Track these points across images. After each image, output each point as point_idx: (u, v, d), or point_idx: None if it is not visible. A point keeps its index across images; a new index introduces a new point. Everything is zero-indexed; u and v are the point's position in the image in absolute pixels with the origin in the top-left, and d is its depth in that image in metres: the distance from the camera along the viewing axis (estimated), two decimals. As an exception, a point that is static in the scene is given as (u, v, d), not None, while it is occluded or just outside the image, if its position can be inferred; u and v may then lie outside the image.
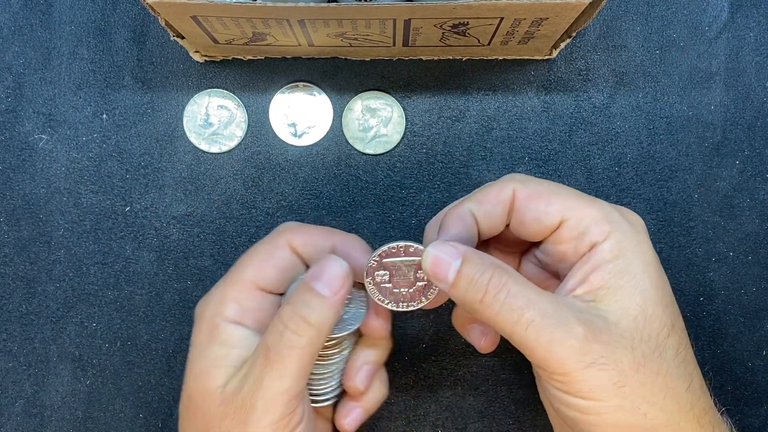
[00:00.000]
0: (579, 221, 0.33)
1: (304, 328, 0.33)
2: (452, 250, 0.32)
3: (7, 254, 0.45)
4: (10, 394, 0.45)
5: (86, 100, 0.45)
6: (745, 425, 0.44)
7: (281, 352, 0.32)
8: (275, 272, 0.36)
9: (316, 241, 0.37)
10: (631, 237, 0.32)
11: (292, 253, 0.36)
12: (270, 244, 0.37)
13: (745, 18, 0.45)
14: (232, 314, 0.35)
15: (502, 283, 0.31)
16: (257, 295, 0.35)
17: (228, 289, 0.35)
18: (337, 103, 0.45)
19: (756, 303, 0.45)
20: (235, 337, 0.34)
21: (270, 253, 0.36)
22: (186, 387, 0.35)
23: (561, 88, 0.45)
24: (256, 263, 0.36)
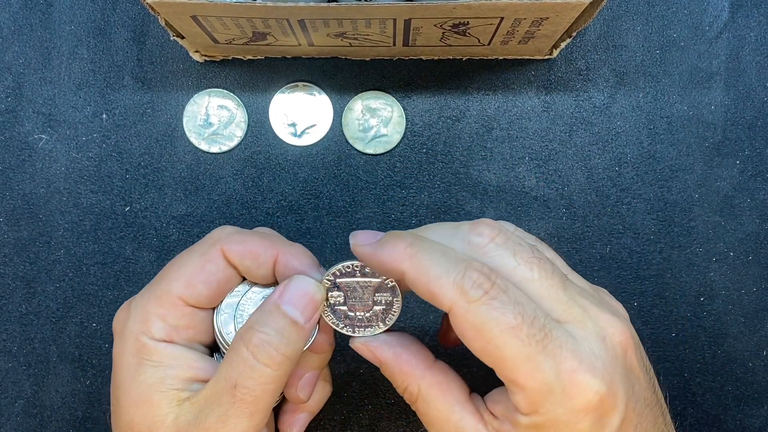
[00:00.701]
0: (510, 383, 0.29)
1: (279, 361, 0.30)
2: (370, 355, 0.33)
3: (7, 254, 0.45)
4: (10, 394, 0.45)
5: (86, 100, 0.45)
6: (746, 425, 0.44)
7: (254, 390, 0.30)
8: (206, 288, 0.33)
9: (256, 253, 0.33)
10: (557, 426, 0.28)
11: (226, 265, 0.33)
12: (201, 255, 0.33)
13: (745, 18, 0.45)
14: (158, 333, 0.32)
15: (411, 401, 0.32)
16: (185, 312, 0.32)
17: (151, 306, 0.32)
18: (337, 103, 0.45)
19: (756, 303, 0.45)
20: (166, 356, 0.32)
21: (201, 267, 0.33)
22: (122, 416, 0.31)
23: (561, 87, 0.45)
24: (185, 277, 0.32)
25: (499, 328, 0.28)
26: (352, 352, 0.45)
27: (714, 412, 0.44)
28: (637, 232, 0.45)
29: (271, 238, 0.34)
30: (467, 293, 0.28)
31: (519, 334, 0.28)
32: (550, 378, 0.28)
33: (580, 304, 0.30)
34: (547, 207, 0.45)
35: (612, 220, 0.45)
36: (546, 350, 0.28)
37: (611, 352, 0.29)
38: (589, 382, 0.28)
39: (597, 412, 0.28)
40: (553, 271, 0.30)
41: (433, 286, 0.29)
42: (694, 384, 0.45)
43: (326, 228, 0.45)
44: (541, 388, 0.28)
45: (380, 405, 0.44)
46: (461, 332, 0.29)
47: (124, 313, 0.33)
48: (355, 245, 0.32)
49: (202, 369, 0.32)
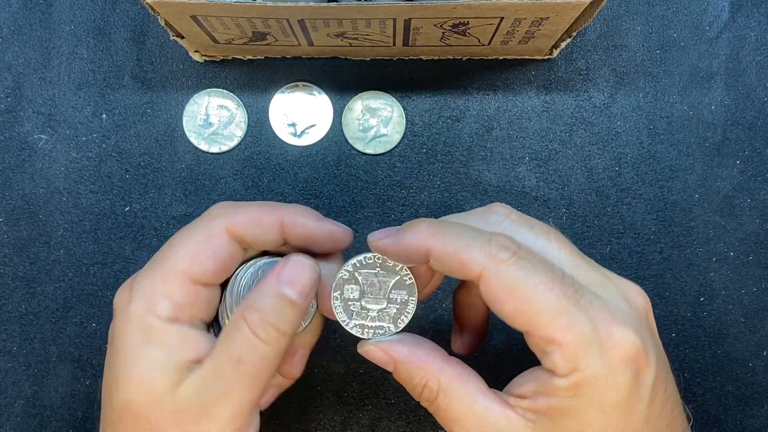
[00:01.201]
0: (545, 343, 0.28)
1: (276, 338, 0.31)
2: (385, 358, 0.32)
3: (7, 254, 0.45)
4: (10, 394, 0.45)
5: (86, 100, 0.45)
6: (746, 425, 0.44)
7: (255, 364, 0.30)
8: (212, 264, 0.32)
9: (260, 219, 0.33)
10: (597, 381, 0.28)
11: (230, 239, 0.33)
12: (204, 231, 0.33)
13: (745, 18, 0.45)
14: (165, 312, 0.32)
15: (430, 400, 0.31)
16: (191, 290, 0.32)
17: (157, 284, 0.32)
18: (337, 103, 0.45)
19: (757, 303, 0.45)
20: (173, 336, 0.31)
21: (205, 243, 0.32)
22: (118, 395, 0.31)
23: (561, 87, 0.45)
24: (190, 254, 0.32)
25: (532, 284, 0.28)
26: (352, 351, 0.44)
27: (714, 412, 0.44)
28: (637, 232, 0.45)
29: (272, 203, 0.34)
30: (496, 256, 0.29)
31: (552, 289, 0.28)
32: (587, 330, 0.28)
33: (600, 271, 0.31)
34: (547, 207, 0.45)
35: (612, 220, 0.45)
36: (579, 305, 0.28)
37: (635, 311, 0.30)
38: (624, 333, 0.28)
39: (634, 365, 0.28)
40: (570, 243, 0.31)
41: (462, 254, 0.29)
42: (695, 384, 0.44)
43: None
44: (579, 340, 0.28)
45: (380, 405, 0.44)
46: (492, 296, 0.29)
47: (126, 292, 0.32)
48: (375, 240, 0.32)
49: (204, 348, 0.32)
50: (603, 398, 0.28)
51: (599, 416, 0.28)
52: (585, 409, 0.28)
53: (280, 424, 0.44)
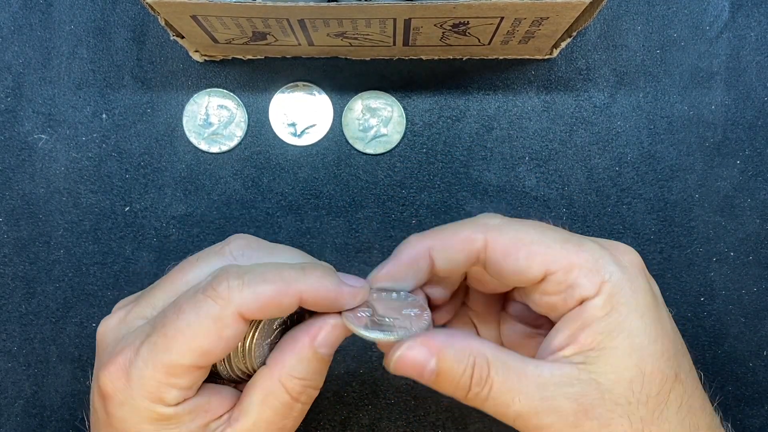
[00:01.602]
0: (566, 273, 0.30)
1: (314, 396, 0.32)
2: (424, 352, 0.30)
3: (7, 254, 0.45)
4: (10, 394, 0.45)
5: (86, 99, 0.45)
6: (746, 425, 0.44)
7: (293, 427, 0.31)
8: (222, 352, 0.30)
9: (279, 301, 0.30)
10: (625, 287, 0.29)
11: (244, 325, 0.30)
12: (216, 321, 0.29)
13: (746, 17, 0.45)
14: (174, 399, 0.30)
15: (483, 379, 0.29)
16: (196, 374, 0.30)
17: (160, 376, 0.29)
18: (337, 102, 0.45)
19: (757, 303, 0.44)
20: (185, 415, 0.30)
21: (217, 335, 0.29)
22: None
23: (561, 87, 0.45)
24: (200, 349, 0.29)
25: (533, 231, 0.31)
26: (353, 352, 0.45)
27: (714, 412, 0.44)
28: (637, 232, 0.45)
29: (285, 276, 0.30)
30: (490, 223, 0.31)
31: (550, 229, 0.31)
32: (596, 248, 0.30)
33: (590, 239, 0.32)
34: (547, 207, 0.45)
35: (612, 220, 0.45)
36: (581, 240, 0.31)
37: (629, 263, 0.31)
38: (626, 246, 0.31)
39: (644, 273, 0.31)
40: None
41: (461, 234, 0.31)
42: (695, 384, 0.44)
43: (326, 228, 0.45)
44: (594, 255, 0.30)
45: (380, 405, 0.44)
46: (502, 254, 0.31)
47: (121, 381, 0.30)
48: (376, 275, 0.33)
49: (217, 406, 0.31)
50: (636, 302, 0.29)
51: (640, 322, 0.29)
52: (626, 319, 0.29)
53: (280, 424, 0.44)
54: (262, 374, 0.31)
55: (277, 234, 0.45)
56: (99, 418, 0.31)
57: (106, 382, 0.30)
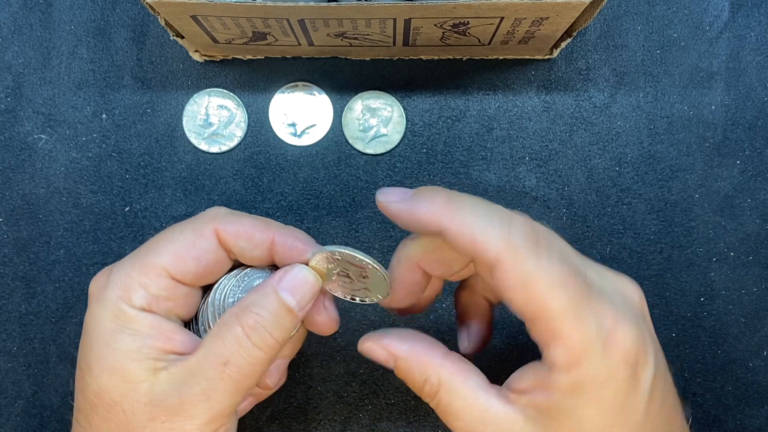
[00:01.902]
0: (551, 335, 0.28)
1: (270, 345, 0.31)
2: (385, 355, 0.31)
3: (7, 254, 0.45)
4: (10, 394, 0.45)
5: (86, 99, 0.45)
6: (746, 425, 0.44)
7: (243, 369, 0.30)
8: (195, 265, 0.32)
9: (251, 234, 0.33)
10: (596, 380, 0.28)
11: (218, 245, 0.32)
12: (194, 231, 0.32)
13: (746, 18, 0.45)
14: (139, 301, 0.31)
15: (432, 394, 0.31)
16: (168, 284, 0.32)
17: (134, 273, 0.31)
18: (337, 102, 0.45)
19: (757, 303, 0.44)
20: (146, 325, 0.31)
21: (192, 242, 0.32)
22: (91, 382, 0.31)
23: (561, 87, 0.45)
24: (174, 251, 0.32)
25: (549, 279, 0.27)
26: (353, 352, 0.45)
27: (714, 412, 0.44)
28: (637, 232, 0.45)
29: (266, 220, 0.33)
30: (515, 243, 0.27)
31: (566, 288, 0.27)
32: (594, 329, 0.27)
33: (595, 269, 0.30)
34: (547, 207, 0.45)
35: (612, 220, 0.45)
36: (590, 304, 0.28)
37: (631, 306, 0.30)
38: (626, 333, 0.28)
39: (634, 363, 0.28)
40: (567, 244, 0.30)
41: (479, 239, 0.28)
42: (695, 384, 0.44)
43: (326, 228, 0.45)
44: (585, 339, 0.27)
45: (380, 405, 0.44)
46: (504, 284, 0.28)
47: (103, 278, 0.32)
48: (386, 202, 0.31)
49: (179, 341, 0.32)
50: (602, 397, 0.28)
51: (597, 414, 0.28)
52: (584, 407, 0.28)
53: (280, 424, 0.44)
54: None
55: (277, 234, 0.45)
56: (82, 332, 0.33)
57: (93, 282, 0.33)
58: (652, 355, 0.29)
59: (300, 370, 0.44)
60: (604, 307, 0.28)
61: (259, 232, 0.33)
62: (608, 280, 0.30)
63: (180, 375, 0.30)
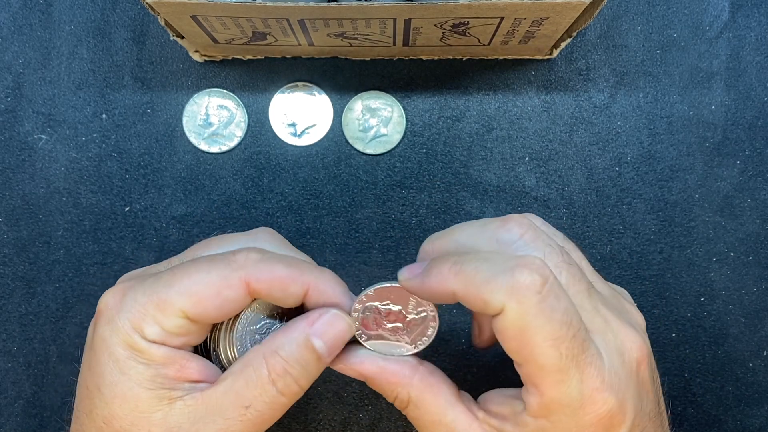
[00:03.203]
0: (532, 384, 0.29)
1: (295, 392, 0.30)
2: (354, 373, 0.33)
3: (7, 254, 0.45)
4: (10, 394, 0.45)
5: (86, 99, 0.45)
6: (746, 425, 0.44)
7: (264, 414, 0.30)
8: (215, 312, 0.31)
9: (286, 285, 0.31)
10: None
11: (245, 295, 0.31)
12: (222, 279, 0.30)
13: (745, 18, 0.45)
14: (152, 336, 0.30)
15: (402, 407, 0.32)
16: (184, 323, 0.30)
17: (150, 308, 0.30)
18: (337, 103, 0.45)
19: (757, 303, 0.44)
20: (158, 356, 0.30)
21: (217, 291, 0.30)
22: (101, 408, 0.30)
23: (561, 87, 0.45)
24: (196, 295, 0.30)
25: (543, 337, 0.28)
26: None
27: (714, 413, 0.44)
28: (637, 232, 0.45)
29: (300, 266, 0.31)
30: (519, 293, 0.28)
31: (560, 347, 0.28)
32: (573, 393, 0.28)
33: (602, 315, 0.30)
34: (547, 207, 0.45)
35: (612, 220, 0.45)
36: (579, 366, 0.28)
37: (627, 368, 0.29)
38: (606, 399, 0.28)
39: (604, 427, 0.29)
40: (581, 278, 0.30)
41: (484, 293, 0.28)
42: (695, 384, 0.44)
43: (326, 228, 0.45)
44: (561, 399, 0.28)
45: (380, 405, 0.44)
46: (502, 332, 0.28)
47: (115, 299, 0.31)
48: (403, 280, 0.31)
49: (194, 369, 0.31)
50: None
51: None
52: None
53: (280, 424, 0.44)
54: (251, 349, 0.31)
55: (277, 234, 0.45)
56: (86, 346, 0.32)
57: (104, 300, 0.31)
58: (630, 417, 0.29)
59: (300, 370, 0.44)
60: (591, 373, 0.28)
61: (294, 283, 0.31)
62: (610, 333, 0.30)
63: (197, 409, 0.30)
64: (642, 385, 0.30)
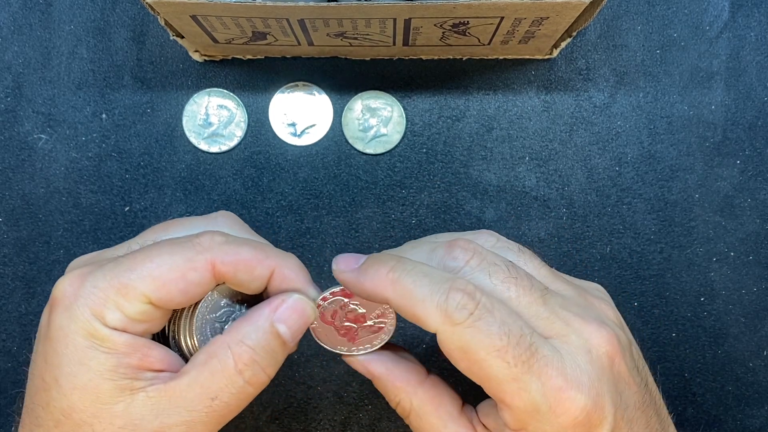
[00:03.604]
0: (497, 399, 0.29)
1: (262, 381, 0.30)
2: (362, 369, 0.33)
3: (7, 254, 0.45)
4: (10, 394, 0.45)
5: (86, 99, 0.45)
6: (746, 425, 0.44)
7: (230, 404, 0.29)
8: (180, 296, 0.30)
9: (251, 266, 0.30)
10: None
11: (211, 278, 0.30)
12: (186, 260, 0.29)
13: (745, 17, 0.45)
14: (114, 322, 0.29)
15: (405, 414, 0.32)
16: (147, 309, 0.29)
17: (110, 293, 0.29)
18: (337, 102, 0.45)
19: (757, 303, 0.44)
20: (120, 344, 0.29)
21: (182, 274, 0.29)
22: (59, 400, 0.29)
23: (561, 87, 0.45)
24: (160, 278, 0.29)
25: (485, 351, 0.28)
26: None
27: (714, 412, 0.44)
28: (637, 232, 0.45)
29: (265, 249, 0.31)
30: (452, 316, 0.28)
31: (505, 356, 0.28)
32: (537, 397, 0.28)
33: (561, 318, 0.30)
34: (547, 207, 0.45)
35: (612, 220, 0.45)
36: (532, 370, 0.28)
37: (597, 363, 0.29)
38: (575, 398, 0.28)
39: (584, 427, 0.28)
40: (531, 287, 0.30)
41: (418, 311, 0.28)
42: (695, 384, 0.44)
43: (326, 228, 0.45)
44: (527, 407, 0.28)
45: (380, 405, 0.44)
46: (448, 353, 0.29)
47: (72, 287, 0.29)
48: (337, 271, 0.31)
49: (156, 358, 0.30)
50: None
51: None
52: None
53: (280, 424, 0.44)
54: (214, 339, 0.31)
55: (277, 234, 0.45)
56: (39, 336, 0.31)
57: (60, 287, 0.30)
58: (610, 413, 0.29)
59: (300, 370, 0.44)
60: (550, 374, 0.28)
61: (259, 265, 0.31)
62: (571, 333, 0.30)
63: (160, 400, 0.29)
64: (619, 378, 0.30)
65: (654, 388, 0.32)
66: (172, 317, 0.33)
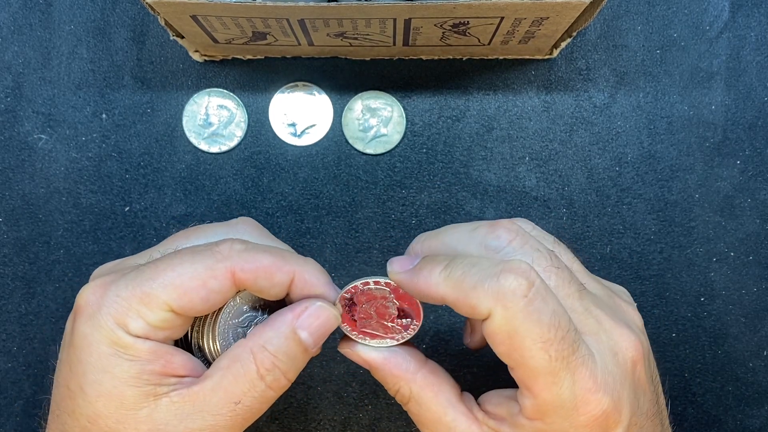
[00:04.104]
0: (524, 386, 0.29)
1: (283, 386, 0.30)
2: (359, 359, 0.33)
3: (7, 254, 0.45)
4: (10, 394, 0.45)
5: (86, 99, 0.45)
6: (746, 425, 0.44)
7: (253, 408, 0.30)
8: (201, 304, 0.30)
9: (271, 273, 0.31)
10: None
11: (231, 286, 0.30)
12: (206, 269, 0.30)
13: (746, 17, 0.45)
14: (137, 330, 0.29)
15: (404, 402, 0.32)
16: (169, 317, 0.30)
17: (133, 302, 0.29)
18: (337, 102, 0.45)
19: (757, 303, 0.44)
20: (143, 351, 0.30)
21: (203, 282, 0.30)
22: (84, 407, 0.30)
23: (561, 87, 0.45)
24: (181, 287, 0.29)
25: (531, 340, 0.28)
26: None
27: (714, 413, 0.44)
28: (637, 232, 0.45)
29: (284, 255, 0.31)
30: (505, 299, 0.28)
31: (549, 349, 0.28)
32: (566, 394, 0.28)
33: (594, 316, 0.30)
34: (547, 207, 0.45)
35: (612, 220, 0.45)
36: (569, 367, 0.28)
37: (622, 367, 0.30)
38: (600, 400, 0.28)
39: (600, 427, 0.29)
40: (571, 281, 0.30)
41: (472, 299, 0.28)
42: (695, 384, 0.44)
43: (326, 228, 0.45)
44: (554, 401, 0.28)
45: (380, 405, 0.44)
46: (491, 337, 0.29)
47: (96, 295, 0.30)
48: (392, 272, 0.32)
49: (179, 364, 0.31)
50: None
51: None
52: None
53: (280, 424, 0.44)
54: (237, 343, 0.31)
55: (277, 234, 0.45)
56: (64, 344, 0.32)
57: (84, 296, 0.30)
58: (626, 417, 0.29)
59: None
60: (583, 374, 0.28)
61: (279, 271, 0.31)
62: (603, 334, 0.30)
63: (184, 405, 0.30)
64: (638, 384, 0.30)
65: (662, 399, 0.32)
66: (194, 323, 0.33)
